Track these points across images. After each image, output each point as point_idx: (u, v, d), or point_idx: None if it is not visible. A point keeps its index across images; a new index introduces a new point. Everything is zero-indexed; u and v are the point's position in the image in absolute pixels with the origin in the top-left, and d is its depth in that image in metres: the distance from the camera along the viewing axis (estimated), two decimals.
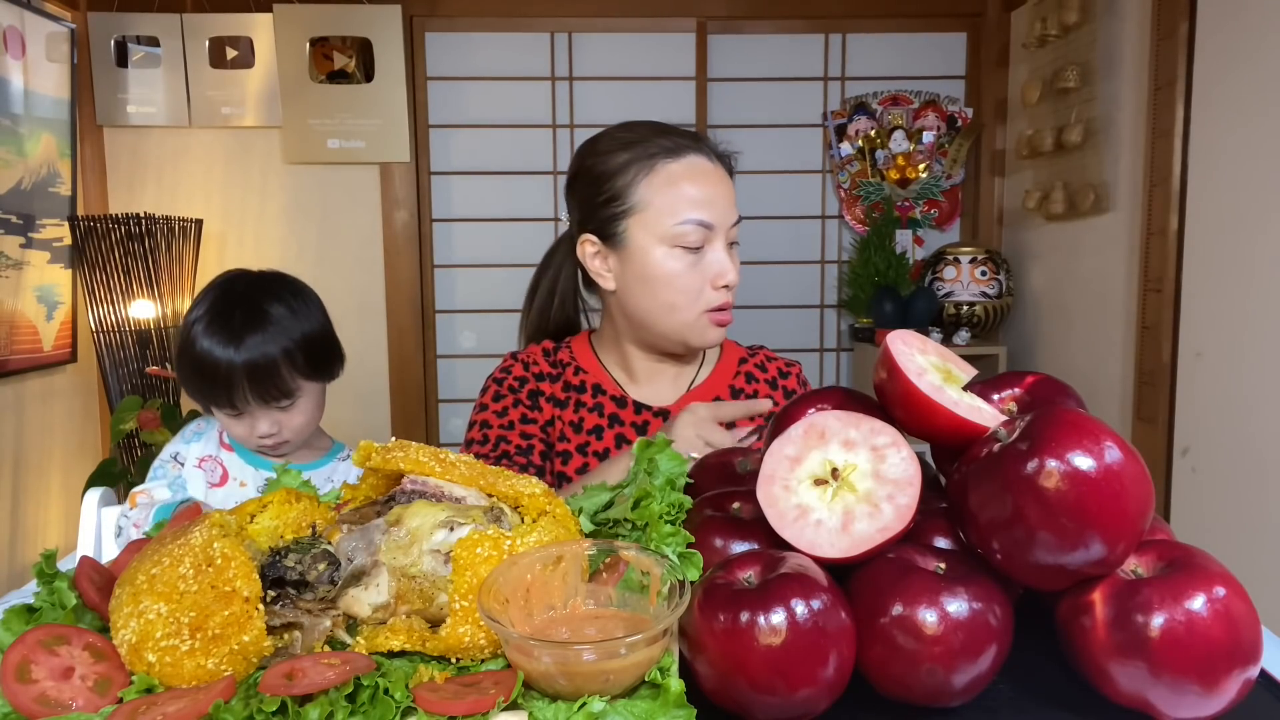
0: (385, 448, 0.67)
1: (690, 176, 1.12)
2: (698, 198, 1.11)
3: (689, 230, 1.10)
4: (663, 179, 1.11)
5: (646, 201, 1.11)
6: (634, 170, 1.12)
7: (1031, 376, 0.69)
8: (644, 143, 1.14)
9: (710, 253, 1.12)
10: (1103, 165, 2.42)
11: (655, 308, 1.14)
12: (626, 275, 1.15)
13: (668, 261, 1.11)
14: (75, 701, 0.52)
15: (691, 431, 0.99)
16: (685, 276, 1.11)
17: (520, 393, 1.21)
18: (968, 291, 2.83)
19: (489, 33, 3.00)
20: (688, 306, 1.13)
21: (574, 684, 0.50)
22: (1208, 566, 0.53)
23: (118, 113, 2.86)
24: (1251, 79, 1.89)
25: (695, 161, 1.13)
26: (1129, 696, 0.53)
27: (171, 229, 2.65)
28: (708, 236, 1.11)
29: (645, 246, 1.12)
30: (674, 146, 1.13)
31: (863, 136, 3.09)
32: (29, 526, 2.55)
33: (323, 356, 1.36)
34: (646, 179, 1.12)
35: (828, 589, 0.54)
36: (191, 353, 1.28)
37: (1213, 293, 2.01)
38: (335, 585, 0.59)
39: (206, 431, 1.43)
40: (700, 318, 1.14)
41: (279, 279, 1.38)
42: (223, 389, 1.27)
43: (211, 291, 1.34)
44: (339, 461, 1.46)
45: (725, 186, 1.15)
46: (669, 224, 1.10)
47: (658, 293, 1.13)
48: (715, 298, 1.13)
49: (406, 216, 2.99)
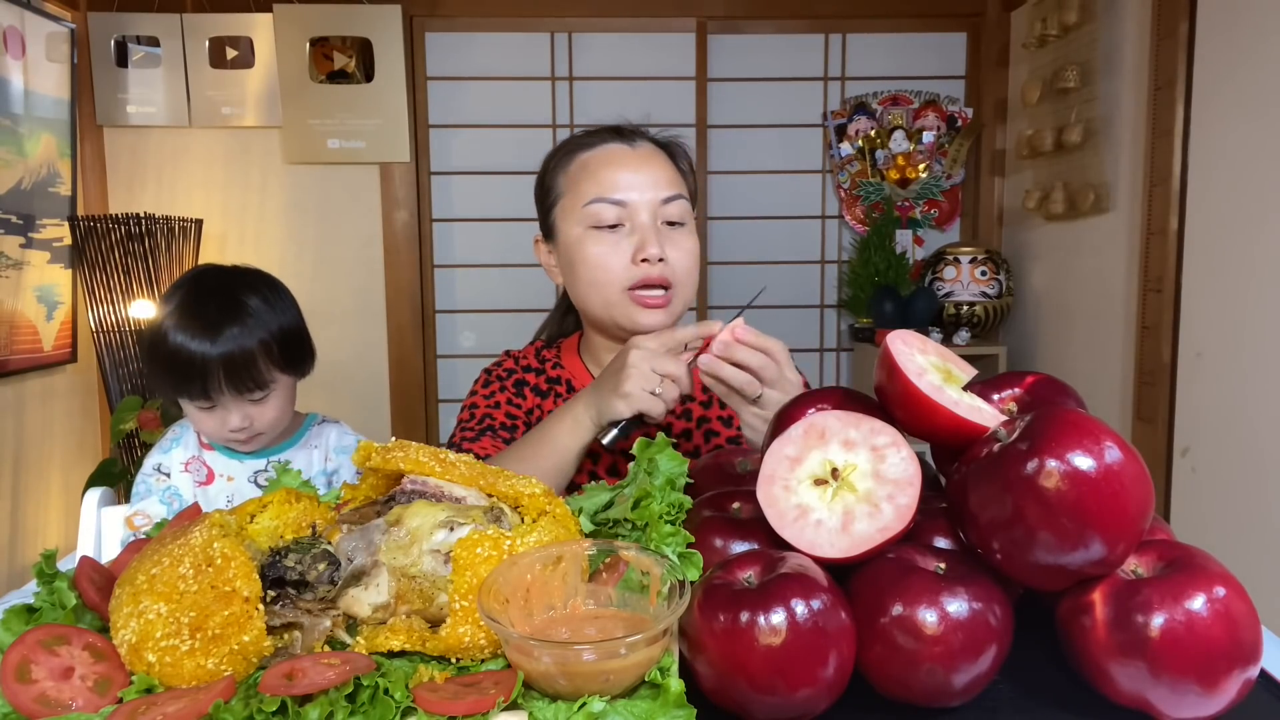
0: (385, 448, 0.67)
1: (602, 161, 1.16)
2: (607, 179, 1.14)
3: (600, 209, 1.13)
4: (576, 167, 1.17)
5: (563, 189, 1.18)
6: (555, 164, 1.20)
7: (1031, 376, 0.69)
8: (572, 140, 1.21)
9: (633, 231, 1.13)
10: (1103, 165, 2.42)
11: (582, 289, 1.17)
12: (561, 264, 1.20)
13: (585, 242, 1.14)
14: (75, 701, 0.52)
15: (645, 366, 0.98)
16: (605, 255, 1.13)
17: (507, 381, 1.25)
18: (968, 291, 2.83)
19: (489, 33, 3.00)
20: (608, 284, 1.13)
21: (574, 684, 0.50)
22: (1208, 566, 0.53)
23: (118, 113, 2.86)
24: (1251, 79, 1.89)
25: (610, 148, 1.17)
26: (1129, 696, 0.53)
27: (171, 229, 2.65)
28: (623, 214, 1.13)
29: (567, 231, 1.17)
30: (592, 140, 1.19)
31: (863, 136, 3.09)
32: (29, 526, 2.55)
33: (297, 350, 1.36)
34: (564, 170, 1.18)
35: (828, 589, 0.54)
36: (165, 346, 1.26)
37: (1213, 293, 2.01)
38: (335, 585, 0.59)
39: (183, 435, 1.42)
40: (622, 296, 1.13)
41: (253, 272, 1.38)
42: (198, 380, 1.26)
43: (183, 285, 1.32)
44: (316, 426, 1.46)
45: (649, 167, 1.16)
46: (579, 205, 1.14)
47: (581, 274, 1.15)
48: (636, 272, 1.12)
49: (406, 216, 2.99)
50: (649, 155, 1.17)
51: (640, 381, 0.97)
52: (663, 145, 1.21)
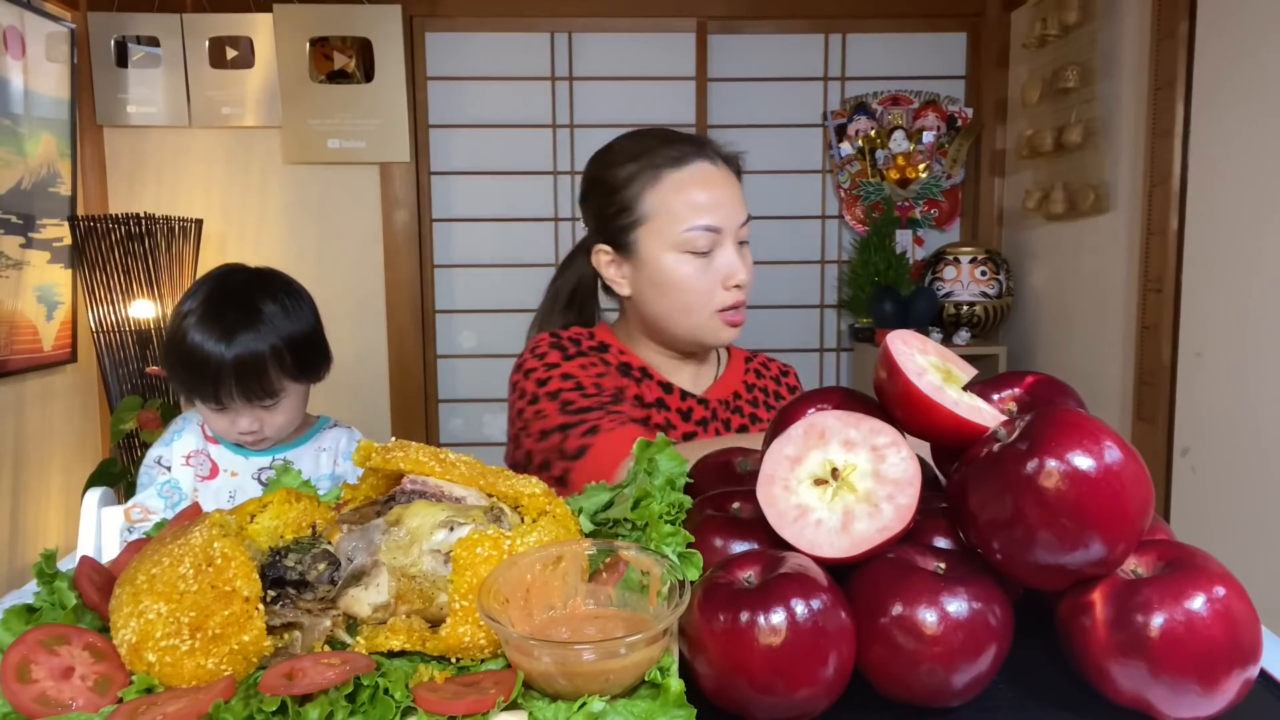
0: (385, 448, 0.67)
1: (695, 183, 1.15)
2: (703, 203, 1.14)
3: (696, 236, 1.13)
4: (668, 188, 1.15)
5: (654, 211, 1.15)
6: (640, 182, 1.16)
7: (1031, 376, 0.69)
8: (649, 153, 1.17)
9: (720, 254, 1.15)
10: (1103, 165, 2.42)
11: (670, 311, 1.18)
12: (640, 281, 1.19)
13: (678, 267, 1.15)
14: (75, 701, 0.52)
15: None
16: (696, 279, 1.15)
17: (589, 356, 1.19)
18: (968, 291, 2.83)
19: (489, 33, 3.00)
20: (700, 308, 1.16)
21: (574, 684, 0.50)
22: (1208, 566, 0.53)
23: (118, 112, 2.86)
24: (1251, 79, 1.89)
25: (699, 167, 1.16)
26: (1129, 696, 0.53)
27: (171, 229, 2.65)
28: (715, 239, 1.14)
29: (656, 254, 1.15)
30: (679, 155, 1.16)
31: (863, 136, 3.09)
32: (29, 526, 2.55)
33: (310, 357, 1.36)
34: (653, 189, 1.15)
35: (828, 589, 0.54)
36: (182, 345, 1.27)
37: (1213, 293, 2.01)
38: (335, 585, 0.59)
39: (187, 428, 1.43)
40: (712, 318, 1.17)
41: (275, 277, 1.38)
42: (210, 383, 1.27)
43: (206, 284, 1.33)
44: (326, 430, 1.46)
45: (731, 189, 1.17)
46: (677, 231, 1.14)
47: (671, 297, 1.16)
48: (727, 298, 1.16)
49: (406, 216, 2.99)
50: (729, 175, 1.18)
51: None
52: (731, 160, 1.21)
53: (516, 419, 1.17)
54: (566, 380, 1.14)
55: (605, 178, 1.19)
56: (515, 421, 1.17)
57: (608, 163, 1.20)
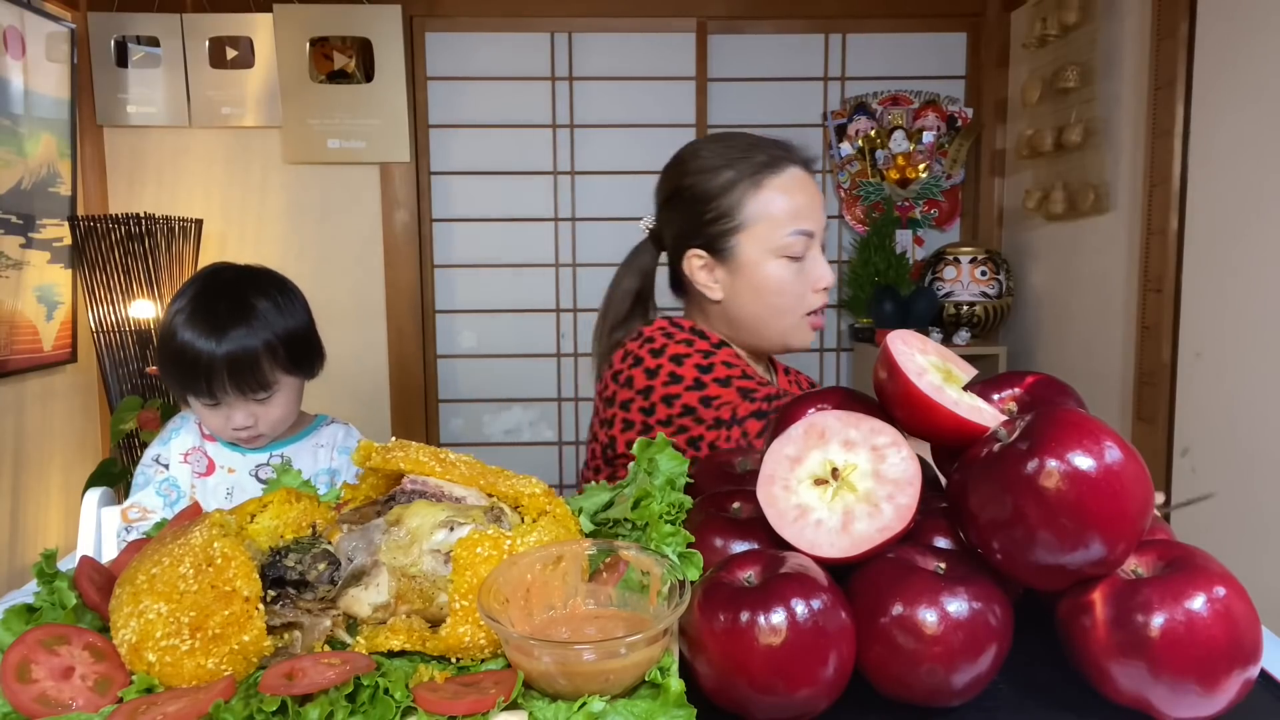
0: (385, 448, 0.67)
1: (793, 188, 1.19)
2: (801, 208, 1.18)
3: (796, 240, 1.17)
4: (769, 194, 1.18)
5: (756, 217, 1.18)
6: (741, 188, 1.19)
7: (1031, 376, 0.69)
8: (745, 159, 1.20)
9: (811, 258, 1.20)
10: (1103, 165, 2.42)
11: (765, 314, 1.21)
12: (737, 285, 1.21)
13: (778, 271, 1.18)
14: (75, 701, 0.52)
15: None
16: (792, 283, 1.19)
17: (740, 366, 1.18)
18: (968, 291, 2.83)
19: (489, 33, 3.00)
20: (793, 310, 1.20)
21: (574, 684, 0.50)
22: (1208, 566, 0.53)
23: (118, 112, 2.86)
24: (1251, 79, 1.89)
25: (794, 173, 1.20)
26: (1129, 696, 0.53)
27: (171, 229, 2.65)
28: (809, 244, 1.19)
29: (757, 259, 1.19)
30: (772, 160, 1.20)
31: (863, 136, 3.09)
32: (29, 526, 2.55)
33: (304, 352, 1.37)
34: (754, 195, 1.18)
35: (828, 589, 0.54)
36: (173, 342, 1.28)
37: (1213, 293, 2.01)
38: (335, 585, 0.59)
39: (185, 425, 1.43)
40: (801, 321, 1.21)
41: (265, 273, 1.39)
42: (202, 379, 1.27)
43: (196, 281, 1.34)
44: (324, 427, 1.46)
45: (818, 194, 1.23)
46: (779, 236, 1.17)
47: (768, 300, 1.20)
48: (816, 300, 1.21)
49: (406, 216, 2.99)
50: (815, 180, 1.24)
51: None
52: (811, 164, 1.26)
53: (660, 405, 1.13)
54: (732, 368, 1.15)
55: (699, 183, 1.21)
56: (658, 408, 1.13)
57: (701, 168, 1.22)
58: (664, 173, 1.28)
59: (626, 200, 3.06)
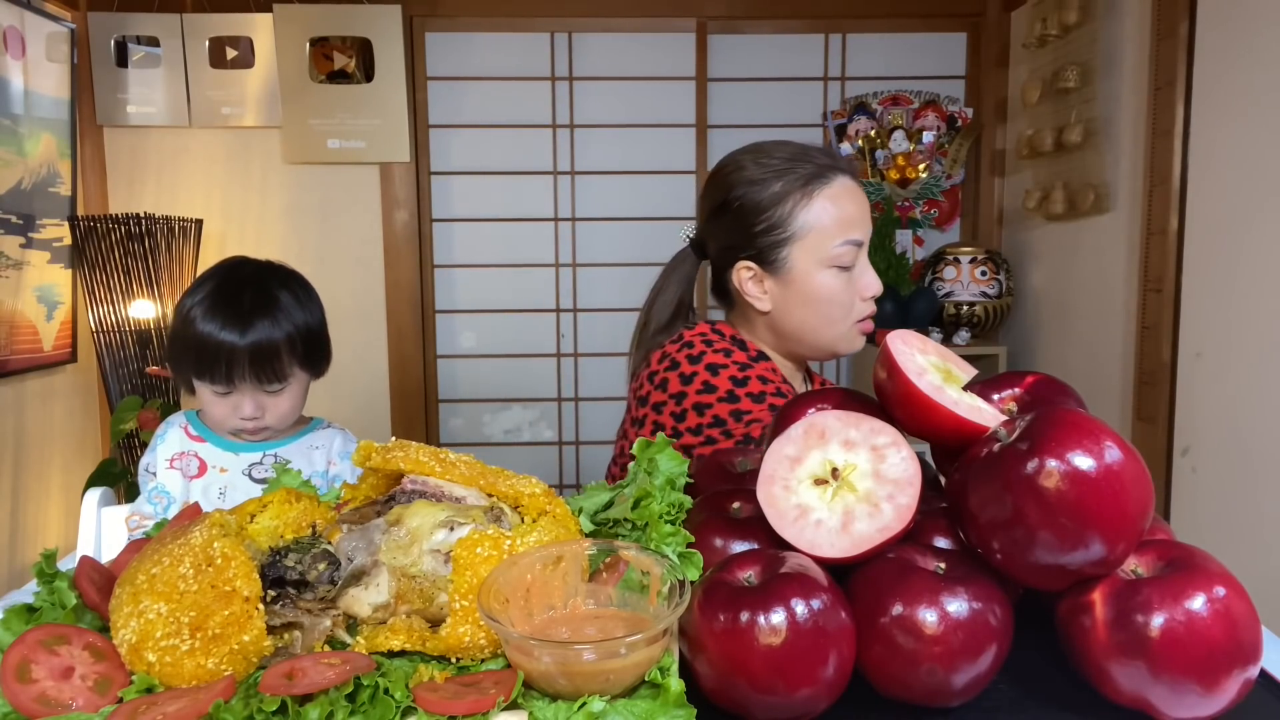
0: (385, 448, 0.67)
1: (843, 198, 1.19)
2: (852, 218, 1.19)
3: (846, 250, 1.18)
4: (820, 204, 1.18)
5: (808, 228, 1.18)
6: (793, 200, 1.19)
7: (1031, 376, 0.69)
8: (793, 171, 1.20)
9: (859, 267, 1.21)
10: (1103, 165, 2.42)
11: (816, 324, 1.21)
12: (787, 296, 1.21)
13: (829, 281, 1.19)
14: (75, 701, 0.52)
15: None
16: (842, 293, 1.19)
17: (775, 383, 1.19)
18: (968, 291, 2.83)
19: (489, 33, 3.00)
20: (843, 319, 1.21)
21: (574, 684, 0.50)
22: (1208, 566, 0.53)
23: (118, 113, 2.86)
24: (1251, 78, 1.89)
25: (843, 182, 1.20)
26: (1129, 696, 0.53)
27: (171, 229, 2.65)
28: (858, 254, 1.20)
29: (808, 270, 1.19)
30: (820, 170, 1.20)
31: (863, 136, 3.09)
32: (29, 526, 2.55)
33: (318, 348, 1.40)
34: (805, 206, 1.18)
35: (828, 589, 0.54)
36: (193, 329, 1.29)
37: (1213, 293, 2.01)
38: (335, 585, 0.59)
39: (169, 431, 1.42)
40: (851, 328, 1.22)
41: (284, 269, 1.41)
42: (222, 365, 1.29)
43: (216, 274, 1.35)
44: (320, 430, 1.47)
45: (866, 200, 1.23)
46: (829, 246, 1.17)
47: (819, 310, 1.20)
48: (864, 309, 1.22)
49: (406, 216, 2.99)
50: (861, 189, 1.23)
51: None
52: (855, 172, 1.26)
53: (692, 413, 1.13)
54: (767, 383, 1.16)
55: (749, 195, 1.21)
56: (689, 415, 1.14)
57: (748, 180, 1.21)
58: (708, 184, 1.28)
59: (626, 200, 3.06)
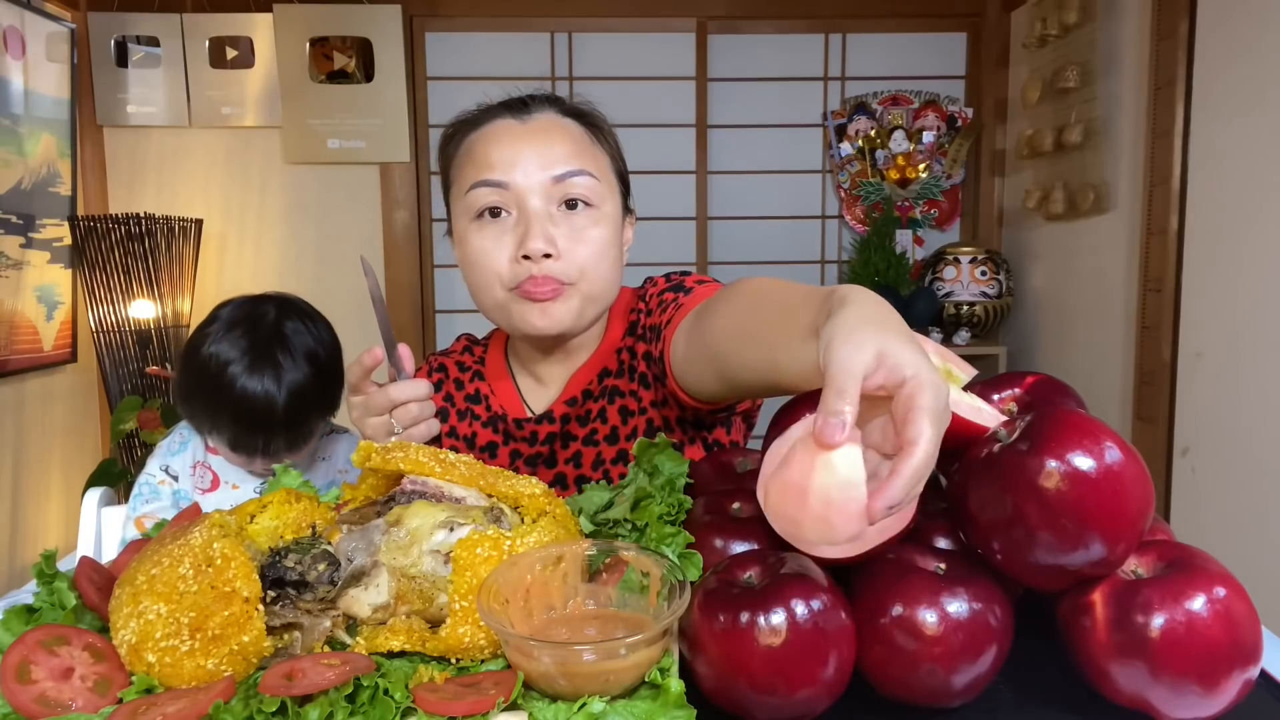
0: (385, 448, 0.67)
1: (488, 139, 1.01)
2: (488, 159, 0.98)
3: (478, 194, 0.97)
4: (464, 152, 1.02)
5: (454, 178, 1.03)
6: (449, 152, 1.06)
7: (1031, 376, 0.69)
8: (462, 121, 1.06)
9: (517, 219, 0.97)
10: (1103, 165, 2.42)
11: (472, 291, 1.02)
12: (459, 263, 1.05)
13: (471, 236, 0.99)
14: (75, 702, 0.52)
15: (357, 414, 0.90)
16: (488, 252, 0.97)
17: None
18: (968, 291, 2.83)
19: (489, 33, 3.00)
20: (491, 285, 0.98)
21: (574, 684, 0.50)
22: (1208, 566, 0.53)
23: (118, 113, 2.86)
24: (1251, 78, 1.89)
25: (496, 125, 1.02)
26: (1129, 697, 0.53)
27: (171, 229, 2.65)
28: (506, 198, 0.97)
29: (458, 225, 1.02)
30: (478, 118, 1.04)
31: (863, 136, 3.09)
32: (29, 526, 2.55)
33: (335, 398, 1.40)
34: (456, 156, 1.04)
35: (828, 589, 0.54)
36: (231, 393, 1.25)
37: (1213, 293, 2.01)
38: (335, 585, 0.59)
39: (190, 439, 1.42)
40: (509, 295, 0.98)
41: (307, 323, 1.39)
42: (259, 450, 1.30)
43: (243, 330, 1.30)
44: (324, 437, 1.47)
45: (538, 141, 1.00)
46: (463, 194, 0.99)
47: (469, 273, 1.01)
48: (518, 271, 0.96)
49: (406, 216, 2.99)
50: (546, 127, 1.02)
51: (372, 434, 0.89)
52: (571, 114, 1.06)
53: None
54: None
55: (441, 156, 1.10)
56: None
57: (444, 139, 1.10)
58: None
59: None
